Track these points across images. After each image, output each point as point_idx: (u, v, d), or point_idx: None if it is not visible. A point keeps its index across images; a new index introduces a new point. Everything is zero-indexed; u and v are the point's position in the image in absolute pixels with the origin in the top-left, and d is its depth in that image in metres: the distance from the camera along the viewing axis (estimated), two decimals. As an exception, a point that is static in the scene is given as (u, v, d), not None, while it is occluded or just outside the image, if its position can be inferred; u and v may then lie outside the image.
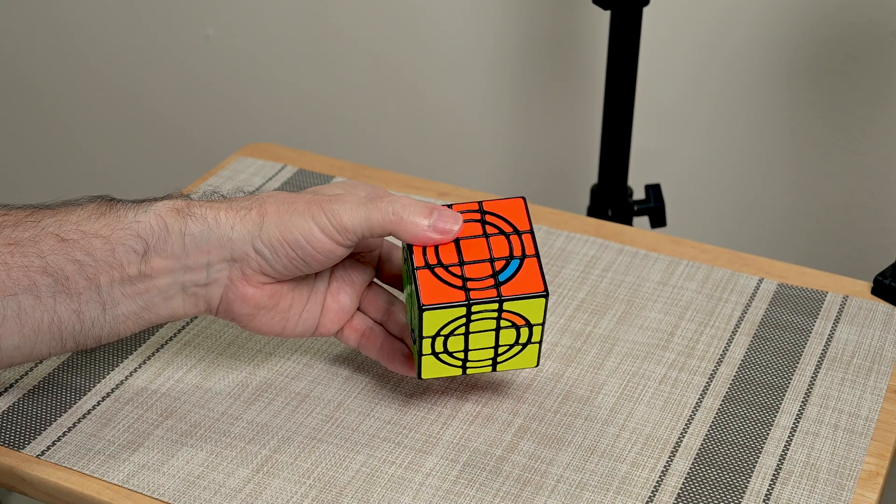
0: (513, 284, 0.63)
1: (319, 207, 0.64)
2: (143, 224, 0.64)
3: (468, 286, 0.63)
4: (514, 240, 0.64)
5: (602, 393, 0.72)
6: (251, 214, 0.64)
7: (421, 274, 0.63)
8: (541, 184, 1.44)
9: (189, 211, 0.65)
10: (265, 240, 0.64)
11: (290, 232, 0.64)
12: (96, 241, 0.64)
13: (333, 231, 0.64)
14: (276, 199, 0.65)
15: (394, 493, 0.65)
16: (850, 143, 1.24)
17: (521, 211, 0.65)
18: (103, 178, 1.77)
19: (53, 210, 0.65)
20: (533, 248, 0.64)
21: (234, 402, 0.72)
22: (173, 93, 1.62)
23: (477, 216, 0.65)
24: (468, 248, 0.64)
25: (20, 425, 0.70)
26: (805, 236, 1.33)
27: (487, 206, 0.65)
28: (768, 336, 0.77)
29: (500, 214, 0.65)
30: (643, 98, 1.27)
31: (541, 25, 1.34)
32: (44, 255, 0.63)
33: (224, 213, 0.65)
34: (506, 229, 0.64)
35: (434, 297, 0.62)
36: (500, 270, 0.63)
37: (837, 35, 1.19)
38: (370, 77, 1.47)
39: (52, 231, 0.64)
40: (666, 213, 1.22)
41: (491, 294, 0.62)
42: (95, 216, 0.65)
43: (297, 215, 0.64)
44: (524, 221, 0.65)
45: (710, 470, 0.67)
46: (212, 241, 0.64)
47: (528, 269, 0.63)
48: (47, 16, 1.64)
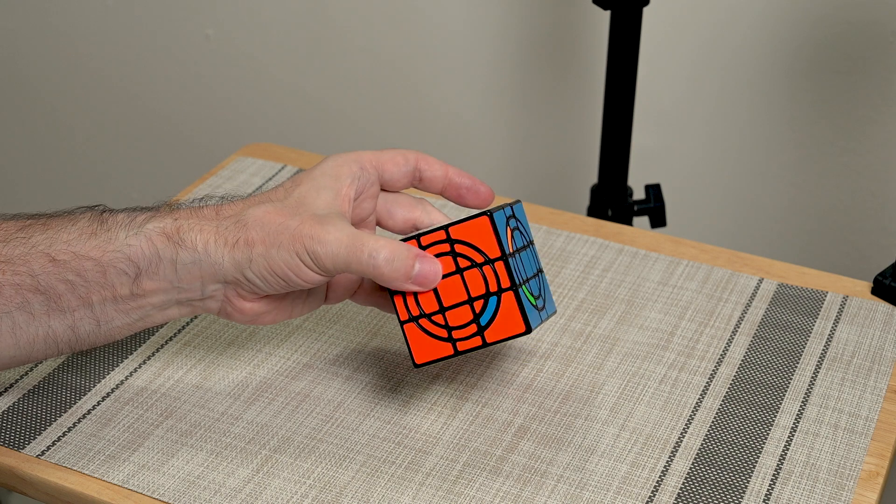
0: (495, 328, 0.65)
1: (302, 244, 0.63)
2: (134, 248, 0.64)
3: (453, 336, 0.65)
4: (487, 272, 0.64)
5: (602, 393, 0.72)
6: (239, 244, 0.64)
7: (408, 329, 0.66)
8: (541, 184, 1.44)
9: (179, 238, 0.64)
10: (255, 271, 0.64)
11: (278, 266, 0.64)
12: (87, 262, 0.64)
13: (317, 268, 0.64)
14: (261, 226, 0.64)
15: (394, 493, 0.65)
16: (850, 143, 1.24)
17: (489, 233, 0.64)
18: (103, 177, 1.77)
19: (44, 225, 0.65)
20: (507, 280, 0.64)
21: (234, 402, 0.72)
22: (173, 93, 1.62)
23: (447, 248, 0.64)
24: (445, 291, 0.65)
25: (20, 425, 0.70)
26: (805, 236, 1.33)
27: (455, 232, 0.64)
28: (768, 336, 0.77)
29: (469, 241, 0.64)
30: (643, 98, 1.27)
31: (541, 26, 1.34)
32: (35, 275, 0.63)
33: (213, 240, 0.64)
34: (477, 259, 0.64)
35: (425, 354, 0.66)
36: (480, 313, 0.64)
37: (837, 35, 1.19)
38: (370, 77, 1.47)
39: (42, 250, 0.64)
40: (666, 213, 1.22)
41: (476, 343, 0.65)
42: (86, 236, 0.64)
43: (282, 250, 0.63)
44: (493, 246, 0.64)
45: (710, 470, 0.67)
46: (203, 269, 0.64)
47: (506, 306, 0.64)
48: (47, 16, 1.64)
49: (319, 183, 0.66)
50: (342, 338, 0.77)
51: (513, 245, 0.65)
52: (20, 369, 0.74)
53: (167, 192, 1.59)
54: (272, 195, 0.67)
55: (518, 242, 0.66)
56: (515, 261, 0.65)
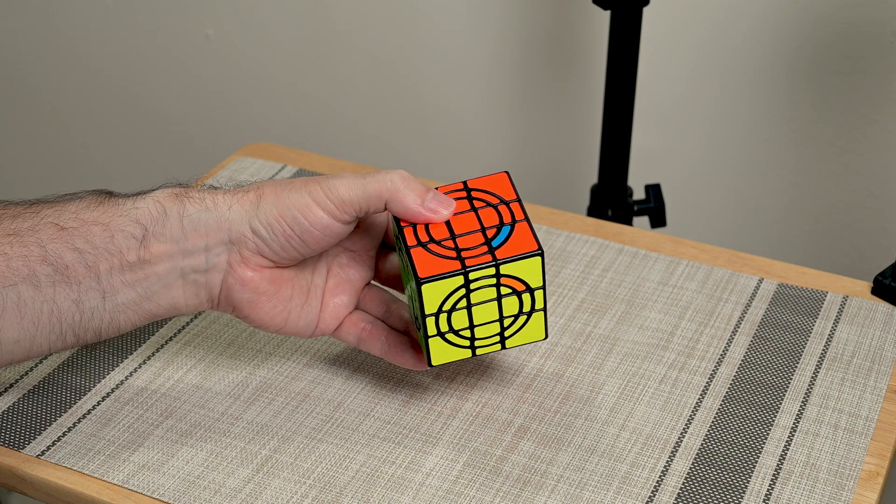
0: (506, 248, 0.63)
1: (316, 183, 0.65)
2: (141, 210, 0.65)
3: (462, 255, 0.63)
4: (502, 209, 0.65)
5: (602, 393, 0.72)
6: (249, 196, 0.65)
7: (415, 251, 0.63)
8: (541, 184, 1.44)
9: (187, 194, 0.66)
10: (262, 219, 0.64)
11: (288, 208, 0.64)
12: (95, 228, 0.64)
13: (330, 205, 0.64)
14: (274, 182, 0.66)
15: (394, 493, 0.65)
16: (850, 143, 1.24)
17: (507, 184, 0.66)
18: (103, 177, 1.77)
19: (52, 202, 0.66)
20: (522, 214, 0.65)
21: (234, 402, 0.72)
22: (173, 93, 1.62)
23: (463, 194, 0.66)
24: (458, 223, 0.65)
25: (20, 425, 0.70)
26: (805, 236, 1.33)
27: (472, 183, 0.67)
28: (768, 336, 0.77)
29: (486, 189, 0.66)
30: (643, 98, 1.27)
31: (541, 25, 1.34)
32: (43, 244, 0.64)
33: (222, 195, 0.66)
34: (492, 201, 0.66)
35: (430, 269, 0.62)
36: (492, 238, 0.64)
37: (837, 35, 1.19)
38: (370, 77, 1.47)
39: (51, 220, 0.64)
40: (666, 213, 1.22)
41: (486, 259, 0.63)
42: (94, 205, 0.65)
43: (293, 191, 0.65)
44: (510, 192, 0.66)
45: (710, 470, 0.67)
46: (210, 223, 0.65)
47: (519, 233, 0.64)
48: (47, 16, 1.64)
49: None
50: (342, 338, 0.77)
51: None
52: (20, 368, 0.74)
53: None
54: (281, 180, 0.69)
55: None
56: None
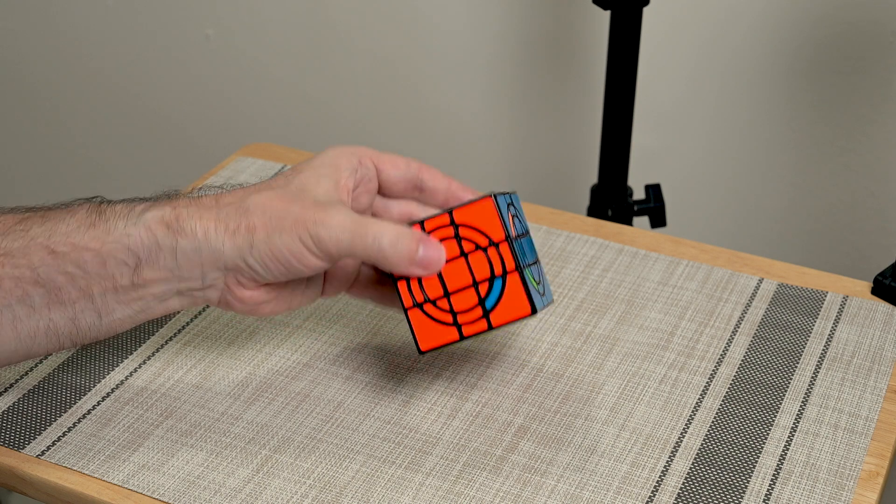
0: (500, 310, 0.64)
1: (305, 228, 0.63)
2: (133, 238, 0.64)
3: (458, 321, 0.65)
4: (491, 254, 0.64)
5: (602, 393, 0.72)
6: (240, 230, 0.63)
7: (412, 315, 0.65)
8: (541, 184, 1.44)
9: (179, 226, 0.64)
10: (256, 256, 0.64)
11: (280, 251, 0.63)
12: (87, 254, 0.63)
13: (320, 253, 0.63)
14: (262, 211, 0.64)
15: (394, 493, 0.65)
16: (850, 143, 1.24)
17: (492, 214, 0.63)
18: (103, 177, 1.77)
19: (42, 217, 0.65)
20: (512, 262, 0.64)
21: (234, 402, 0.72)
22: (173, 93, 1.62)
23: (451, 232, 0.64)
24: (450, 275, 0.64)
25: (20, 425, 0.70)
26: (805, 236, 1.33)
27: (458, 216, 0.64)
28: (768, 336, 0.77)
29: (473, 225, 0.64)
30: (643, 98, 1.27)
31: (541, 25, 1.34)
32: (34, 267, 0.63)
33: (213, 226, 0.64)
34: (481, 242, 0.64)
35: (430, 340, 0.65)
36: (485, 296, 0.64)
37: (837, 35, 1.19)
38: (370, 77, 1.47)
39: (41, 242, 0.63)
40: (666, 213, 1.22)
41: (482, 327, 0.65)
42: (85, 227, 0.64)
43: (284, 234, 0.63)
44: (497, 228, 0.63)
45: (710, 470, 0.67)
46: (203, 256, 0.64)
47: (512, 288, 0.64)
48: (47, 16, 1.64)
49: (319, 172, 0.66)
50: (342, 338, 0.77)
51: (514, 229, 0.65)
52: (20, 368, 0.74)
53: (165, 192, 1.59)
54: (272, 183, 0.66)
55: (518, 229, 0.66)
56: (518, 244, 0.65)
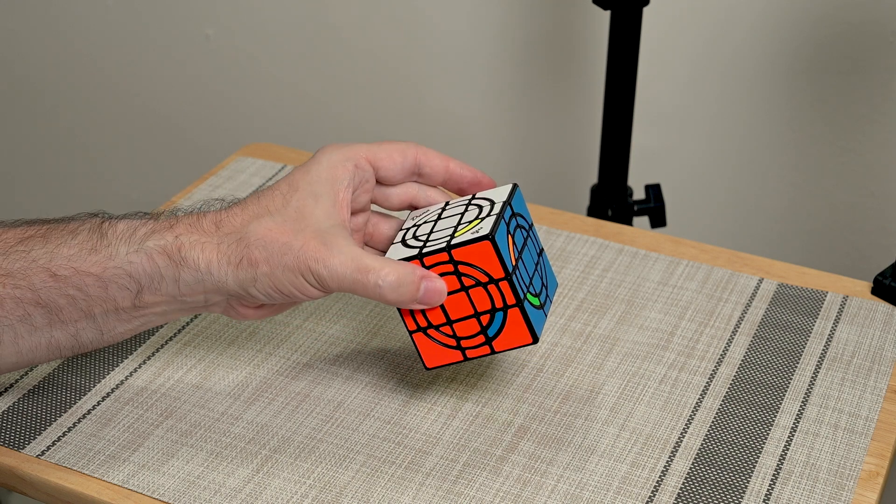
0: (502, 339, 0.65)
1: (307, 266, 0.63)
2: (135, 265, 0.64)
3: (462, 345, 0.66)
4: (492, 290, 0.64)
5: (602, 393, 0.72)
6: (242, 263, 0.64)
7: (417, 337, 0.66)
8: (541, 184, 1.44)
9: (181, 257, 0.64)
10: (259, 288, 0.64)
11: (283, 286, 0.64)
12: (88, 278, 0.64)
13: (322, 287, 0.64)
14: (263, 245, 0.63)
15: (394, 493, 0.65)
16: (850, 143, 1.24)
17: (491, 255, 0.63)
18: (103, 177, 1.77)
19: (44, 237, 0.65)
20: (512, 297, 0.64)
21: (234, 402, 0.72)
22: (173, 93, 1.62)
23: (450, 268, 0.64)
24: (452, 306, 0.65)
25: (20, 425, 0.70)
26: (805, 236, 1.33)
27: (457, 254, 0.64)
28: (768, 336, 0.77)
29: (472, 263, 0.63)
30: (643, 98, 1.27)
31: (541, 26, 1.34)
32: (36, 289, 0.63)
33: (216, 258, 0.64)
34: (481, 279, 0.64)
35: (436, 359, 0.67)
36: (487, 326, 0.65)
37: (837, 35, 1.19)
38: (370, 77, 1.47)
39: (43, 265, 0.64)
40: (666, 213, 1.22)
41: (485, 351, 0.66)
42: (86, 251, 0.64)
43: (287, 271, 0.63)
44: (496, 267, 0.63)
45: (710, 470, 0.67)
46: (207, 286, 0.65)
47: (513, 320, 0.64)
48: (47, 16, 1.64)
49: (316, 189, 0.66)
50: (342, 338, 0.77)
51: (514, 252, 0.65)
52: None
53: (167, 192, 1.59)
54: (270, 205, 0.65)
55: (519, 243, 0.66)
56: (518, 272, 0.64)
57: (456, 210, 0.68)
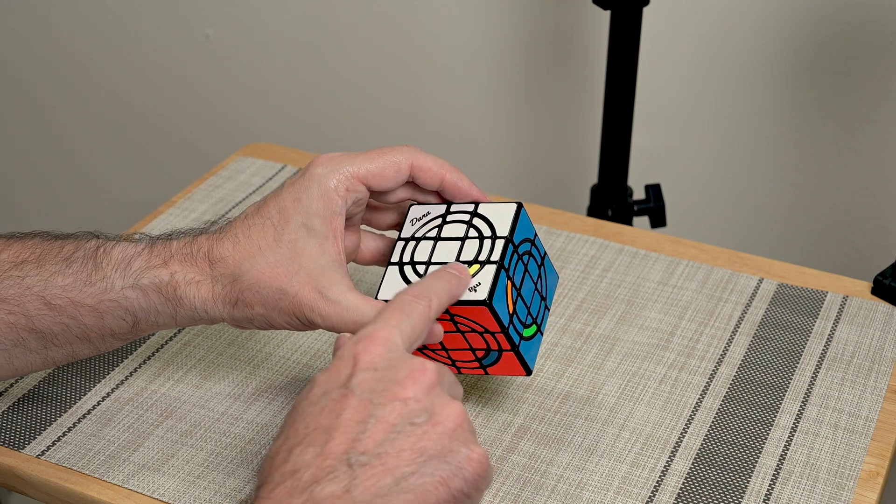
0: (497, 368, 0.66)
1: (302, 313, 0.63)
2: (131, 301, 0.64)
3: (457, 365, 0.66)
4: (488, 338, 0.64)
5: (602, 393, 0.72)
6: (238, 304, 0.64)
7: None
8: (541, 184, 1.44)
9: (177, 296, 0.64)
10: (256, 324, 0.65)
11: (279, 324, 0.65)
12: (83, 309, 0.64)
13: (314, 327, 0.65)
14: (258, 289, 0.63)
15: (394, 493, 0.65)
16: (850, 143, 1.24)
17: (488, 317, 0.63)
18: (103, 177, 1.77)
19: (37, 263, 0.65)
20: (507, 345, 0.64)
21: (234, 402, 0.72)
22: (173, 93, 1.62)
23: (447, 316, 0.64)
24: (448, 341, 0.65)
25: (20, 425, 0.70)
26: (805, 236, 1.33)
27: (455, 310, 0.63)
28: (768, 336, 0.77)
29: (469, 318, 0.63)
30: (643, 98, 1.27)
31: (541, 26, 1.34)
32: (30, 316, 0.64)
33: (211, 297, 0.64)
34: (478, 329, 0.64)
35: None
36: (482, 358, 0.65)
37: (837, 35, 1.19)
38: (370, 77, 1.47)
39: (37, 292, 0.64)
40: (666, 213, 1.22)
41: (479, 373, 0.67)
42: (82, 282, 0.64)
43: (283, 314, 0.64)
44: (493, 324, 0.63)
45: (710, 470, 0.67)
46: (203, 320, 0.66)
47: (507, 358, 0.65)
48: (47, 16, 1.64)
49: (309, 222, 0.64)
50: (342, 338, 0.77)
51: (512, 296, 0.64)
52: (20, 369, 0.74)
53: (167, 192, 1.59)
54: (261, 240, 0.64)
55: (518, 277, 0.65)
56: (516, 316, 0.64)
57: (455, 231, 0.67)
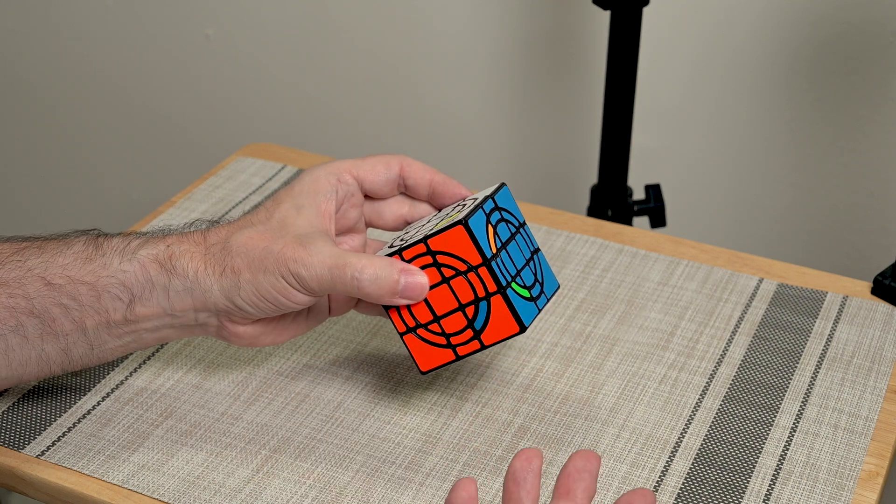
0: (490, 330, 0.65)
1: (286, 267, 0.63)
2: (128, 274, 0.65)
3: (452, 342, 0.66)
4: (472, 279, 0.64)
5: (602, 393, 0.72)
6: (226, 272, 0.64)
7: (408, 339, 0.66)
8: (541, 184, 1.44)
9: (171, 265, 0.65)
10: (244, 297, 0.64)
11: (266, 291, 0.64)
12: (82, 287, 0.64)
13: (303, 290, 0.64)
14: (245, 252, 0.64)
15: (394, 493, 0.65)
16: (850, 143, 1.24)
17: (466, 241, 0.63)
18: (103, 178, 1.77)
19: (39, 248, 0.66)
20: (493, 284, 0.64)
21: (234, 402, 0.72)
22: (173, 93, 1.62)
23: (429, 259, 0.64)
24: (436, 300, 0.65)
25: (20, 425, 0.70)
26: (805, 236, 1.33)
27: (434, 244, 0.64)
28: (768, 336, 0.77)
29: (450, 251, 0.64)
30: (643, 98, 1.27)
31: (540, 25, 1.34)
32: (30, 298, 0.64)
33: (203, 267, 0.65)
34: (460, 267, 0.64)
35: (429, 361, 0.66)
36: (473, 318, 0.65)
37: (837, 35, 1.19)
38: (370, 77, 1.47)
39: (38, 273, 0.64)
40: (666, 213, 1.22)
41: (475, 346, 0.65)
42: (81, 261, 0.65)
43: (268, 274, 0.64)
44: (473, 253, 0.63)
45: (710, 470, 0.67)
46: (195, 296, 0.65)
47: (497, 309, 0.64)
48: (47, 16, 1.64)
49: (298, 202, 0.66)
50: (342, 338, 0.77)
51: (496, 243, 0.65)
52: (20, 369, 0.74)
53: (167, 192, 1.59)
54: (254, 218, 0.67)
55: (504, 235, 0.66)
56: (500, 261, 0.64)
57: (443, 213, 0.68)
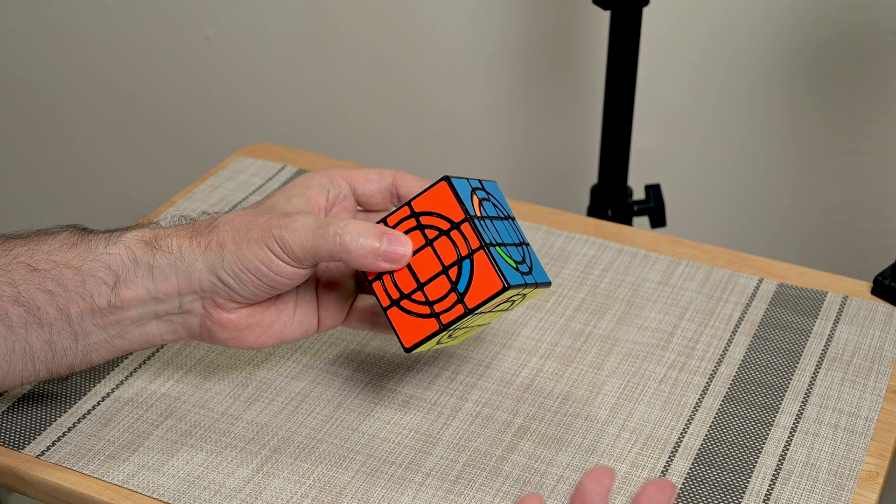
0: (473, 291, 0.64)
1: (270, 233, 0.64)
2: (113, 256, 0.65)
3: (436, 310, 0.64)
4: (455, 237, 0.64)
5: (602, 393, 0.72)
6: (211, 245, 0.65)
7: (392, 314, 0.65)
8: (541, 184, 1.44)
9: (157, 243, 0.65)
10: (228, 269, 0.64)
11: (249, 261, 0.64)
12: (67, 271, 0.64)
13: (287, 258, 0.64)
14: (231, 226, 0.65)
15: (394, 493, 0.65)
16: (850, 144, 1.24)
17: (449, 197, 0.64)
18: (103, 178, 1.77)
19: (25, 239, 0.66)
20: (476, 240, 0.63)
21: (234, 402, 0.72)
22: (173, 93, 1.62)
23: (413, 222, 0.64)
24: (419, 265, 0.65)
25: (20, 425, 0.70)
26: (805, 236, 1.33)
27: (417, 205, 0.64)
28: (768, 336, 0.77)
29: (433, 210, 0.64)
30: (643, 98, 1.27)
31: (541, 25, 1.34)
32: (16, 285, 0.64)
33: (188, 242, 0.65)
34: (443, 226, 0.64)
35: (413, 335, 0.65)
36: (456, 280, 0.64)
37: (837, 35, 1.19)
38: (370, 77, 1.47)
39: (23, 260, 0.65)
40: (666, 213, 1.22)
41: (459, 311, 0.64)
42: (67, 246, 0.65)
43: (252, 243, 0.64)
44: (455, 209, 0.64)
45: (710, 470, 0.67)
46: (179, 273, 0.65)
47: (480, 266, 0.63)
48: (46, 16, 1.64)
49: (289, 193, 0.68)
50: (342, 338, 0.77)
51: (480, 210, 0.65)
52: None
53: (167, 192, 1.59)
54: (245, 208, 0.68)
55: (489, 211, 0.66)
56: (483, 223, 0.64)
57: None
